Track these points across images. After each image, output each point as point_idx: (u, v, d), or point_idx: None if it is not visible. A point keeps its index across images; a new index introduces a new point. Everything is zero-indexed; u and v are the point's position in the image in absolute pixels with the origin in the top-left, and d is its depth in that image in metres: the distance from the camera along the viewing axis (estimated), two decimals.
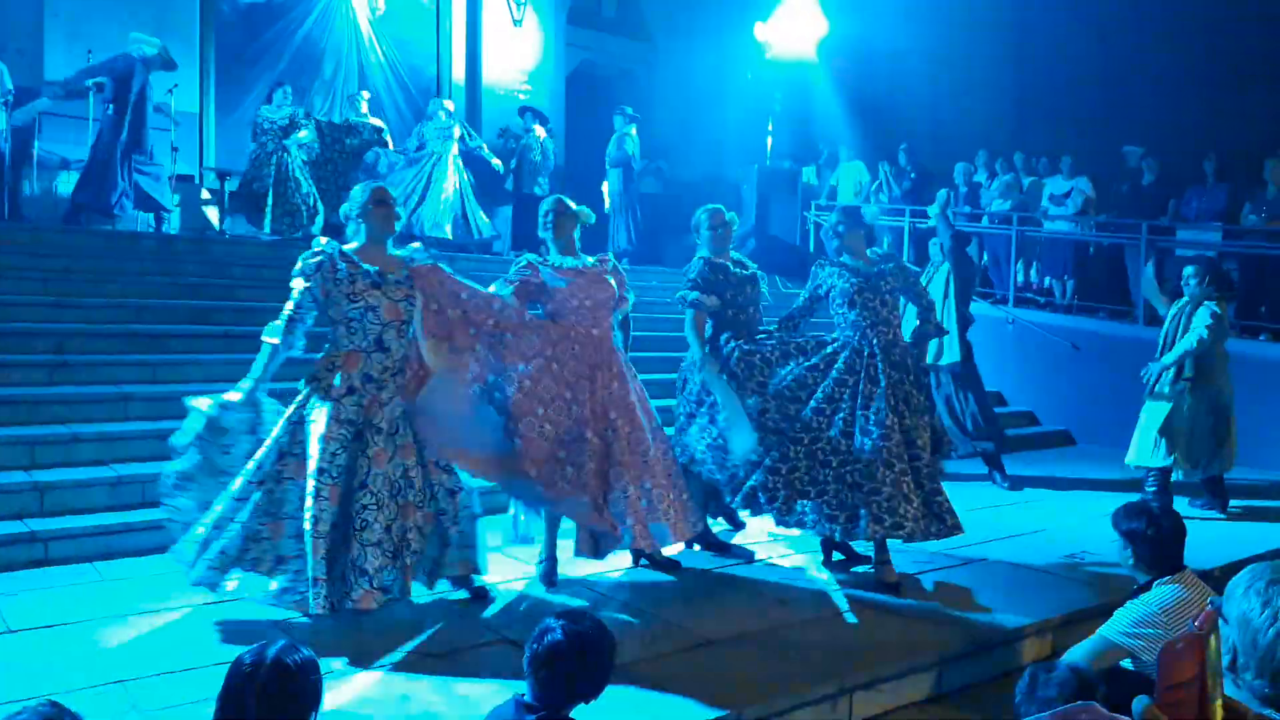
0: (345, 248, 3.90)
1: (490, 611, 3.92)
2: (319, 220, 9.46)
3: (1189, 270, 6.24)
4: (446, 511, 3.91)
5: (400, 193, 8.92)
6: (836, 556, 4.81)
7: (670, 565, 4.57)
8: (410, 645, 3.56)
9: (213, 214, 9.80)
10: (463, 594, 4.07)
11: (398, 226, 4.05)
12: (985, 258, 10.81)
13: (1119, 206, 10.05)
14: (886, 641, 3.75)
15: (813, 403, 4.51)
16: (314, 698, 2.12)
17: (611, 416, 4.20)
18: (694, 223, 4.86)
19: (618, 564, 4.60)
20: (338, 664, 3.34)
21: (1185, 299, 6.15)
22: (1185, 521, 3.30)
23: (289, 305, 3.84)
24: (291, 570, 3.69)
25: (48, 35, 9.17)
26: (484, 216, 10.31)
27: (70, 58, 9.10)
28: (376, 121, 10.31)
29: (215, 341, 6.32)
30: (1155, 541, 3.19)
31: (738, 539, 5.06)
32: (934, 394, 5.98)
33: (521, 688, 2.42)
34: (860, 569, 4.64)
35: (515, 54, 12.54)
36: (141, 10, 9.69)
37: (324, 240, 3.94)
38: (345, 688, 3.17)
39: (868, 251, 4.78)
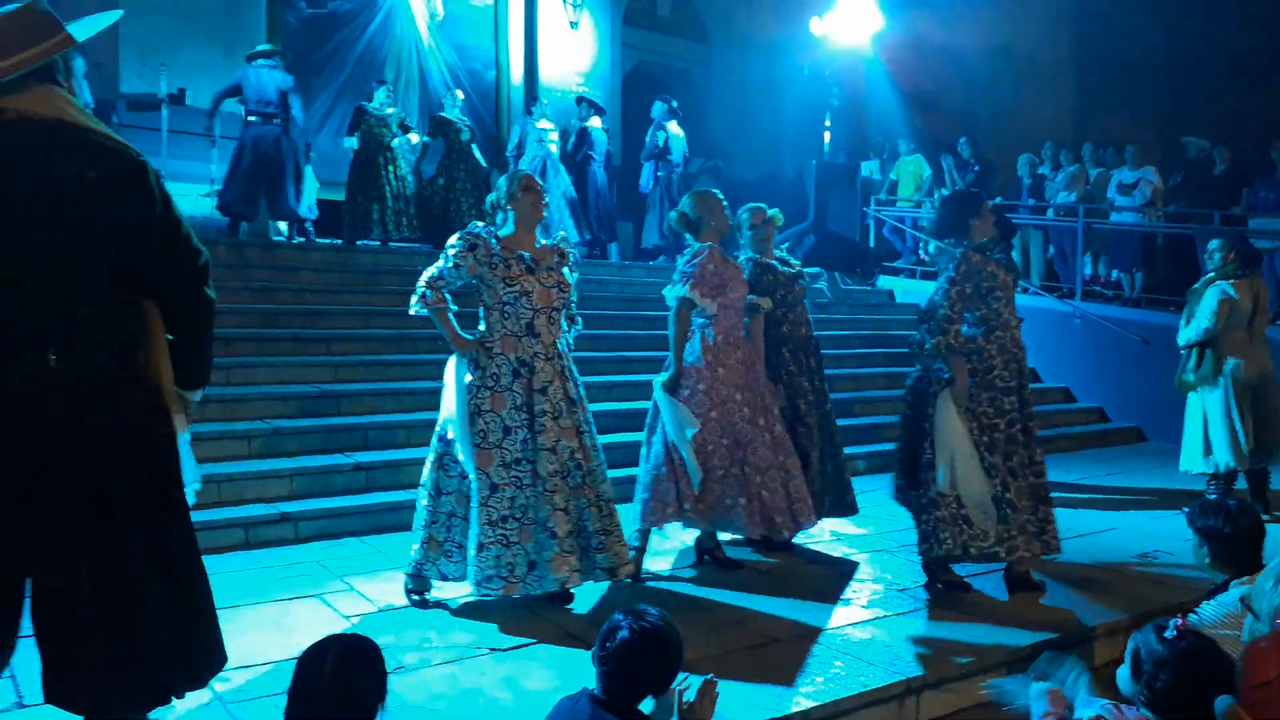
0: (498, 234, 3.96)
1: (557, 606, 3.95)
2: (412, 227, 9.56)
3: (1214, 244, 6.04)
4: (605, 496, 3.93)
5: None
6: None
7: (734, 564, 4.57)
8: (478, 640, 3.61)
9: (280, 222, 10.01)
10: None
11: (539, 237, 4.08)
12: (1051, 251, 10.63)
13: (1190, 196, 9.79)
14: (954, 641, 3.71)
15: (1001, 425, 4.17)
16: (379, 690, 2.16)
17: (776, 412, 4.35)
18: (734, 223, 4.79)
19: (682, 561, 4.63)
20: (409, 658, 3.41)
21: (1209, 273, 5.96)
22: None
23: (429, 272, 3.90)
24: (491, 556, 3.72)
25: (123, 51, 9.48)
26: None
27: (144, 72, 9.42)
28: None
29: (284, 344, 6.50)
30: (1232, 540, 3.11)
31: (800, 538, 5.04)
32: None
33: (588, 682, 2.45)
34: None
35: (571, 56, 12.63)
36: (211, 24, 10.00)
37: (480, 224, 3.99)
38: (413, 682, 3.22)
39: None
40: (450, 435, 3.88)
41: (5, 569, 2.28)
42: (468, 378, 3.85)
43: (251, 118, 8.61)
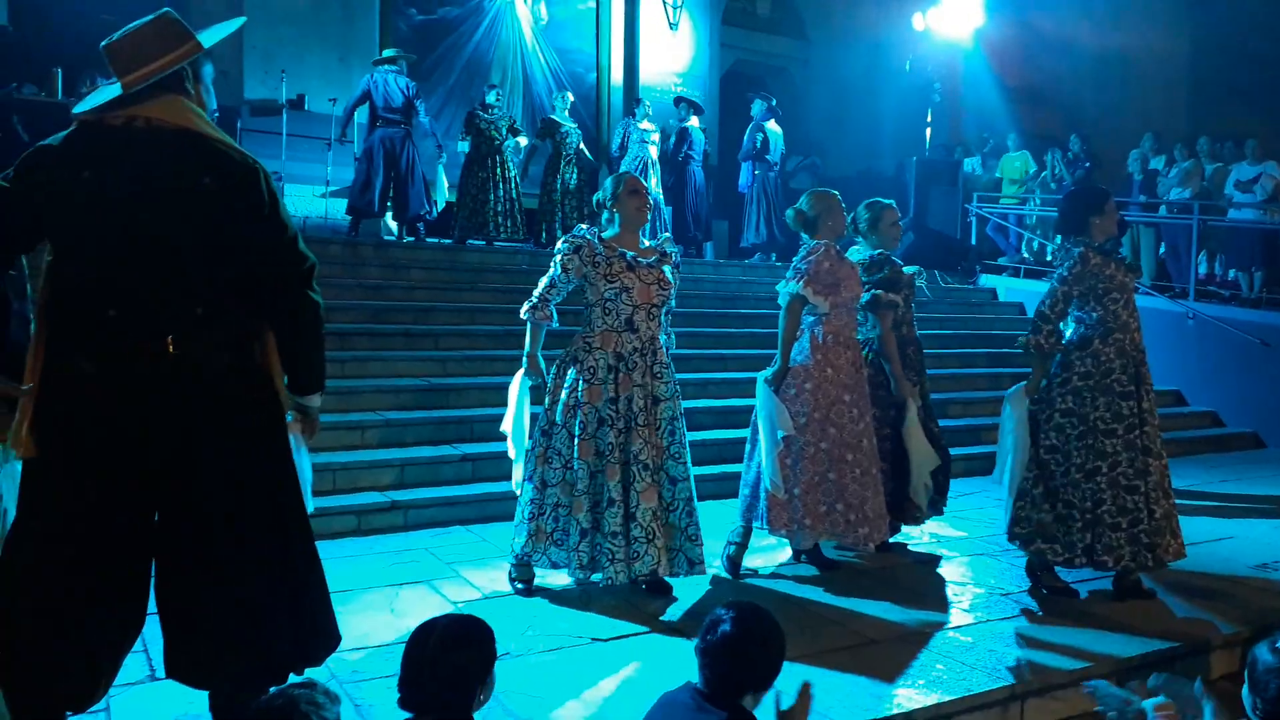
0: (603, 234, 4.07)
1: (657, 599, 4.01)
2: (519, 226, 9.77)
3: None
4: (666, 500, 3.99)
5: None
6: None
7: (831, 564, 4.56)
8: (580, 630, 3.69)
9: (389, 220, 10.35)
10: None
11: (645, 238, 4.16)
12: (1163, 249, 10.26)
13: None
14: (1061, 647, 3.65)
15: (1119, 431, 4.08)
16: (480, 671, 2.19)
17: (868, 417, 4.36)
18: (855, 216, 4.75)
19: (780, 559, 4.65)
20: (514, 645, 3.50)
21: None
22: None
23: (543, 282, 4.05)
24: (588, 543, 3.87)
25: (247, 59, 9.93)
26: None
27: (266, 78, 9.86)
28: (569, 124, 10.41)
29: (395, 339, 6.73)
30: None
31: (900, 539, 5.00)
32: None
33: (688, 675, 2.50)
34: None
35: (671, 57, 12.71)
36: (328, 32, 10.40)
37: (584, 226, 4.12)
38: (518, 669, 3.30)
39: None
40: (508, 436, 4.09)
41: (133, 548, 2.43)
42: (571, 372, 3.98)
43: (379, 122, 8.93)
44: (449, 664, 2.13)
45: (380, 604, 3.91)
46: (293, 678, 2.56)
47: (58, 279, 2.41)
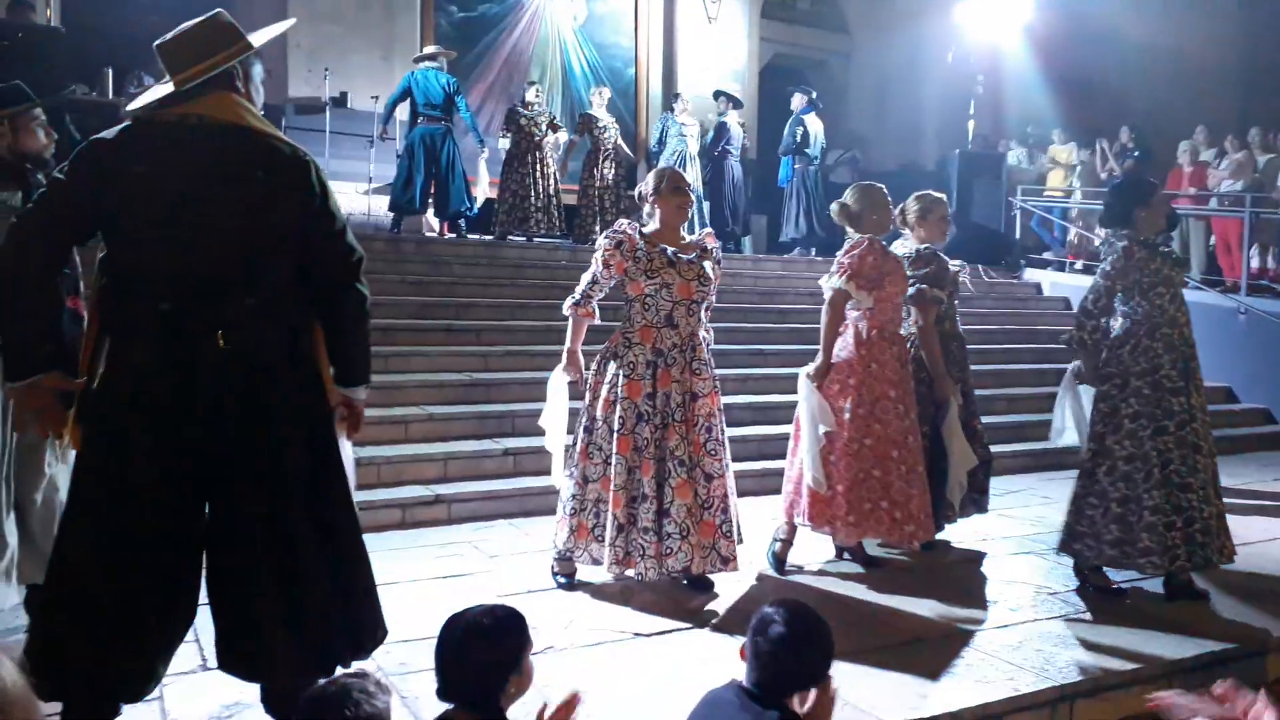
0: (644, 229, 4.07)
1: (700, 595, 4.00)
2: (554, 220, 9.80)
3: None
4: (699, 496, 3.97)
5: None
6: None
7: (874, 561, 4.53)
8: (622, 625, 3.69)
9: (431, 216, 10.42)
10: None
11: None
12: (1213, 242, 10.05)
13: None
14: (1110, 648, 3.59)
15: (1170, 428, 4.01)
16: (509, 659, 2.17)
17: (914, 414, 4.33)
18: (904, 208, 4.70)
19: (822, 556, 4.61)
20: (556, 640, 3.50)
21: None
22: None
23: (585, 279, 4.07)
24: (623, 538, 3.88)
25: (291, 58, 10.06)
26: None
27: (310, 77, 9.97)
28: (611, 120, 10.39)
29: (437, 334, 6.79)
30: None
31: (944, 537, 4.95)
32: None
33: (732, 673, 2.48)
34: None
35: (710, 51, 12.67)
36: (371, 30, 10.50)
37: (625, 221, 4.12)
38: (559, 664, 3.30)
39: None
40: (546, 431, 4.10)
41: (184, 541, 2.46)
42: (611, 367, 3.98)
43: (420, 119, 9.01)
44: (476, 652, 2.14)
45: (425, 596, 3.94)
46: (340, 670, 2.59)
47: (110, 273, 2.45)
